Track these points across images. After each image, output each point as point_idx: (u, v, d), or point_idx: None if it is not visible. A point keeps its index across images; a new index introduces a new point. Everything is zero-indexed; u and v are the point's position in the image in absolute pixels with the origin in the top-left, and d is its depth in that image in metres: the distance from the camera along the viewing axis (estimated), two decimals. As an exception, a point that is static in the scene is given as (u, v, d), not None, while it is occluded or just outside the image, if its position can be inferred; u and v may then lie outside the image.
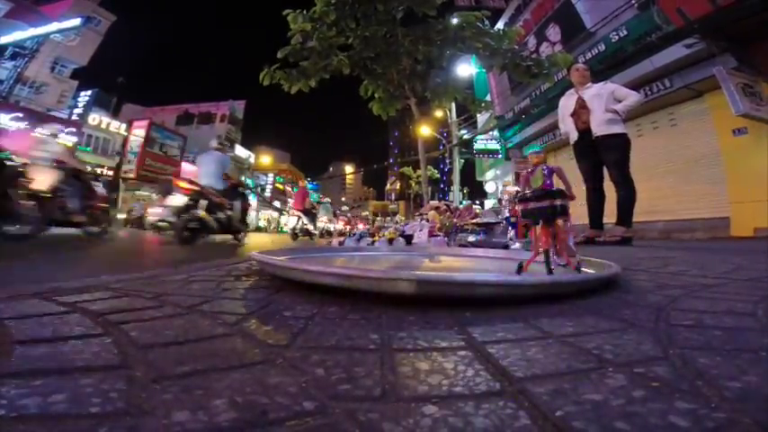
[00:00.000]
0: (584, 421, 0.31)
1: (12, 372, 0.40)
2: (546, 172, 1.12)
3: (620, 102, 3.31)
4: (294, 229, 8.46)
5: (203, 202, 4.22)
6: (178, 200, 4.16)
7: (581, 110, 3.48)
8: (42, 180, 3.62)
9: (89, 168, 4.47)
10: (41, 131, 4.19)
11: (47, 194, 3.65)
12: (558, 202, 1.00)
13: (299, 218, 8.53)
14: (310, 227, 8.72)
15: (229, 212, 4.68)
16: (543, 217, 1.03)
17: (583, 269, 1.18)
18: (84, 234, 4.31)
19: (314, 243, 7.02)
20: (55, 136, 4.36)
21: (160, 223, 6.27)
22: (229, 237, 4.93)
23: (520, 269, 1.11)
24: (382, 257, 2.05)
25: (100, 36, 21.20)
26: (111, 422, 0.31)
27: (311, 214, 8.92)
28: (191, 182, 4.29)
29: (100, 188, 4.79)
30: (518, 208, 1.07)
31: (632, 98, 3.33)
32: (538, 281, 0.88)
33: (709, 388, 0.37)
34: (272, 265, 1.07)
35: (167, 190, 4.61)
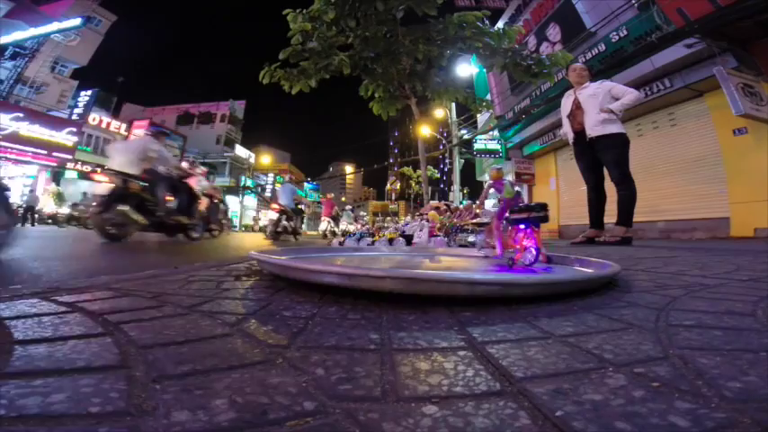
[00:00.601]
0: (584, 421, 0.31)
1: (12, 372, 0.40)
2: (510, 186, 1.34)
3: (618, 100, 3.27)
4: (325, 231, 11.23)
5: (283, 216, 7.61)
6: (272, 215, 7.73)
7: (577, 110, 3.46)
8: (203, 204, 5.96)
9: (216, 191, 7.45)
10: (198, 171, 6.45)
11: (204, 214, 5.93)
12: (548, 212, 1.21)
13: (329, 222, 11.35)
14: (336, 229, 11.45)
15: (294, 223, 7.99)
16: (536, 224, 1.23)
17: (582, 268, 1.19)
18: (211, 236, 6.64)
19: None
20: (206, 176, 6.89)
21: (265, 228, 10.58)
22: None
23: (511, 264, 1.26)
24: (382, 257, 2.05)
25: (100, 36, 21.21)
26: (111, 422, 0.31)
27: (336, 219, 11.90)
28: (279, 204, 7.71)
29: (223, 206, 7.73)
30: (516, 216, 1.26)
31: (629, 95, 3.25)
32: (537, 279, 0.88)
33: (709, 388, 0.37)
34: (272, 265, 1.07)
35: (268, 209, 8.92)
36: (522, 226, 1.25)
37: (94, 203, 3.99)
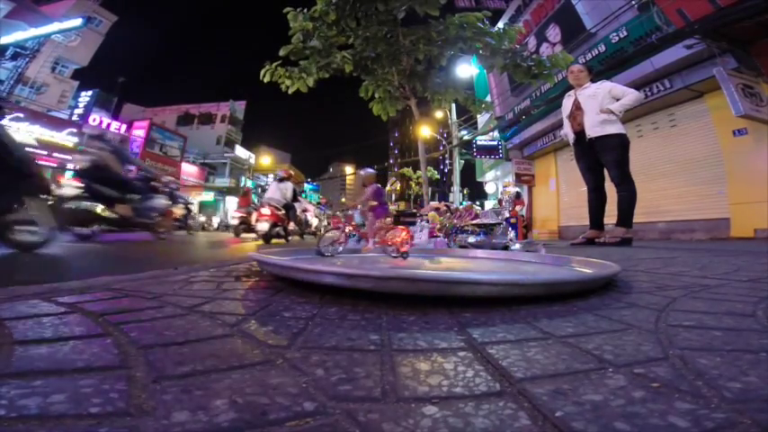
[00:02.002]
0: (584, 422, 0.31)
1: (12, 372, 0.40)
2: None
3: (618, 100, 3.27)
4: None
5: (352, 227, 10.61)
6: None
7: (576, 111, 3.46)
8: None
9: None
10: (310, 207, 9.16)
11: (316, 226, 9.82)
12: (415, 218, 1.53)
13: None
14: None
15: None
16: (412, 224, 1.52)
17: (581, 268, 1.19)
18: (315, 237, 9.30)
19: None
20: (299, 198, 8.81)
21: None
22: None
23: (406, 257, 1.57)
24: (382, 258, 2.05)
25: (101, 36, 21.21)
26: (111, 422, 0.31)
27: None
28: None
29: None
30: (406, 219, 1.56)
31: (629, 96, 3.24)
32: (539, 280, 0.88)
33: (709, 389, 0.37)
34: (273, 265, 1.07)
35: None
36: (403, 226, 1.64)
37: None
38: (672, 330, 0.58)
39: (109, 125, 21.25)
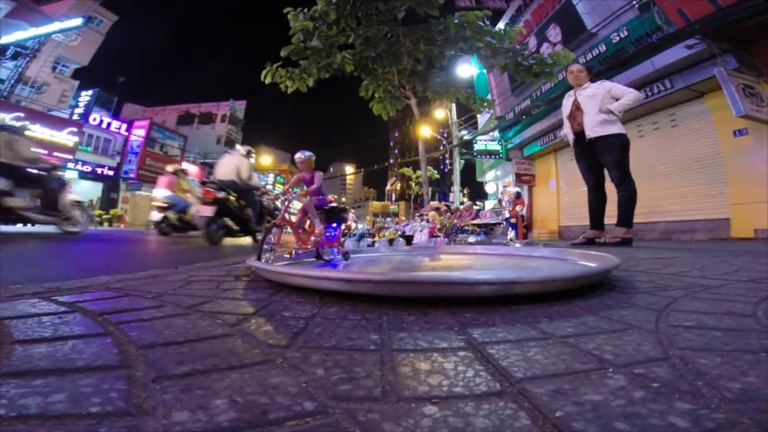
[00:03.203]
0: (584, 422, 0.31)
1: (12, 372, 0.40)
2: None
3: (618, 100, 3.26)
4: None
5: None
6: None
7: (576, 111, 3.46)
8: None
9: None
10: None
11: None
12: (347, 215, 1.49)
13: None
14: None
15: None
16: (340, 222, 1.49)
17: (581, 263, 1.19)
18: None
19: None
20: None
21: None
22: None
23: (348, 257, 1.51)
24: (382, 258, 2.05)
25: (101, 36, 21.21)
26: (111, 422, 0.31)
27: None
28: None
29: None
30: (342, 215, 1.52)
31: (629, 96, 3.23)
32: (539, 277, 0.87)
33: (709, 389, 0.37)
34: (271, 272, 1.07)
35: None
36: (334, 225, 1.58)
37: None
38: (672, 330, 0.58)
39: (109, 125, 21.26)
